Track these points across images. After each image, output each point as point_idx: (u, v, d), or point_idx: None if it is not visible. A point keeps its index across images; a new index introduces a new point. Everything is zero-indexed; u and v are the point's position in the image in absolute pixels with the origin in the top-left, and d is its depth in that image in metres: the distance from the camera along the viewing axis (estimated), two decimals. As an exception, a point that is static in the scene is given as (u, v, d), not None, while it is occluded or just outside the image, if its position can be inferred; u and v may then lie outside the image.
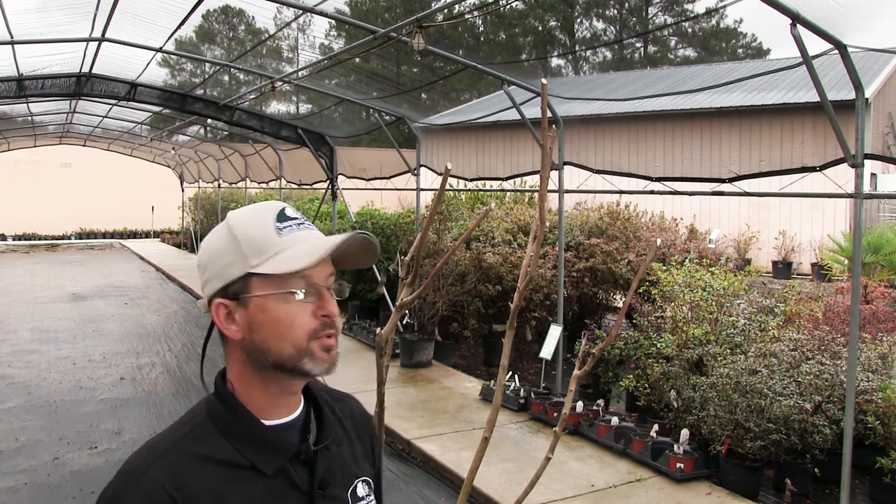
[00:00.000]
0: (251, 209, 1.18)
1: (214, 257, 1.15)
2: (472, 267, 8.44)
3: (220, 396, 1.15)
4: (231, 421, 1.12)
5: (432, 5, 29.71)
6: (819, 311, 6.69)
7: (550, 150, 1.68)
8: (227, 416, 1.13)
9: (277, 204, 1.19)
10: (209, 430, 1.11)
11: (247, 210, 1.18)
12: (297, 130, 11.21)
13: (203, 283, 1.17)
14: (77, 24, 7.38)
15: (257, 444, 1.12)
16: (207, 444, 1.10)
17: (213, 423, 1.12)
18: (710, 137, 7.20)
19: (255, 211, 1.17)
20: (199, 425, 1.12)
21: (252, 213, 1.17)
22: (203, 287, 1.17)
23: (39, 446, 6.07)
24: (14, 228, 26.21)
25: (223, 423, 1.12)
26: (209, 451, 1.09)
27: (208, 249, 1.16)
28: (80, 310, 12.50)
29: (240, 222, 1.16)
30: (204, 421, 1.13)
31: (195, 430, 1.12)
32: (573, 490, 5.03)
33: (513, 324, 1.92)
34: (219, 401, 1.15)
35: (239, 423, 1.12)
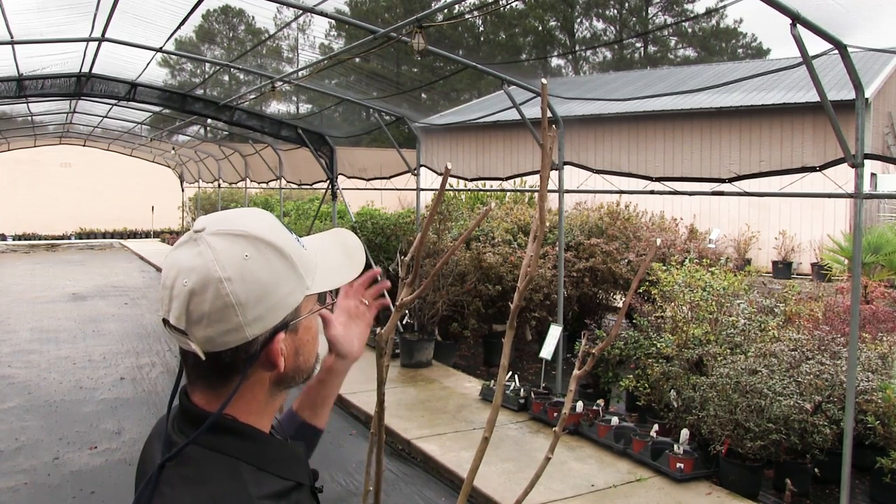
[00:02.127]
0: (266, 220, 1.02)
1: (270, 289, 0.96)
2: (472, 267, 8.44)
3: (239, 433, 1.00)
4: (263, 452, 1.01)
5: (432, 5, 29.71)
6: (819, 311, 6.69)
7: (550, 150, 1.68)
8: (256, 448, 1.00)
9: (264, 211, 1.06)
10: (254, 470, 0.98)
11: (273, 224, 1.02)
12: (297, 130, 11.21)
13: (243, 323, 0.94)
14: (77, 24, 7.38)
15: (294, 462, 1.05)
16: (264, 485, 0.97)
17: (249, 462, 0.98)
18: (710, 137, 7.20)
19: (274, 222, 1.03)
20: (246, 471, 0.97)
21: (275, 224, 1.02)
22: (240, 329, 0.94)
23: (39, 446, 6.07)
24: (14, 228, 26.21)
25: (257, 457, 0.99)
26: (276, 489, 0.98)
27: (254, 281, 0.94)
28: (80, 310, 12.50)
29: (283, 241, 1.00)
30: (241, 465, 0.97)
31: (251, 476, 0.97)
32: (573, 490, 5.03)
33: (513, 324, 1.92)
34: (238, 438, 0.99)
35: (266, 449, 1.02)
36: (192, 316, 0.94)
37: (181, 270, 0.95)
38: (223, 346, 0.95)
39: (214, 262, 0.94)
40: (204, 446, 0.97)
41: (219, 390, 0.99)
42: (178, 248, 0.98)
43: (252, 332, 0.95)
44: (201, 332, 0.94)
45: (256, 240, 0.97)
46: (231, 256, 0.95)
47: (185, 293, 0.93)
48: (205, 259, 0.95)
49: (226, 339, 0.95)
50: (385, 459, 3.26)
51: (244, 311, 0.94)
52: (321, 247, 1.11)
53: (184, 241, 0.99)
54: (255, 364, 0.98)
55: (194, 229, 0.99)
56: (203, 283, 0.93)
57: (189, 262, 0.95)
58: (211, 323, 0.93)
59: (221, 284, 0.93)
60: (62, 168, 26.71)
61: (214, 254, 0.95)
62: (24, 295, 14.10)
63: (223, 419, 0.99)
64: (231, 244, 0.96)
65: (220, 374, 0.99)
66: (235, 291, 0.93)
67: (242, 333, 0.95)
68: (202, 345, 0.95)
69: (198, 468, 0.96)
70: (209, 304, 0.93)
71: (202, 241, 0.96)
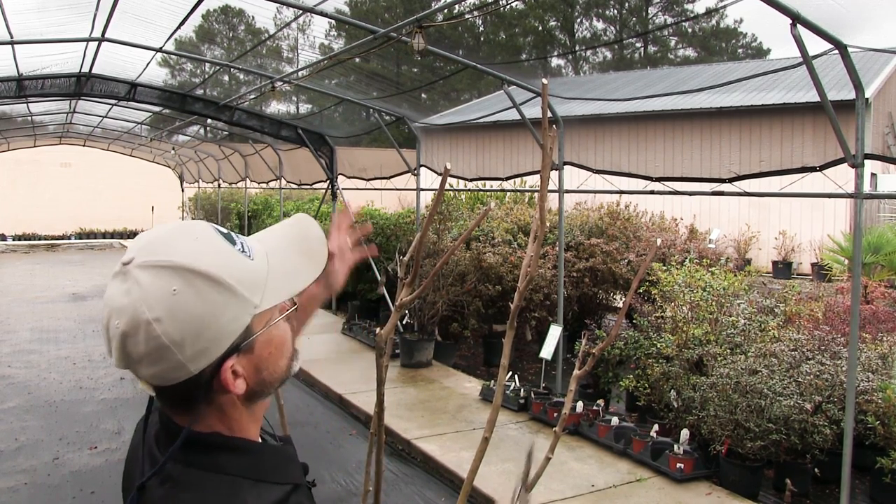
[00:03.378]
0: (194, 242, 0.93)
1: (208, 321, 0.89)
2: (472, 267, 8.44)
3: (230, 449, 0.97)
4: (259, 462, 0.98)
5: (432, 5, 29.72)
6: (819, 311, 6.69)
7: (550, 150, 1.68)
8: (253, 460, 0.98)
9: (198, 224, 0.97)
10: (250, 486, 0.95)
11: (205, 243, 0.93)
12: (297, 130, 11.21)
13: (184, 361, 0.89)
14: (77, 24, 7.38)
15: (288, 464, 1.04)
16: (264, 498, 0.94)
17: (248, 478, 0.96)
18: (710, 137, 7.20)
19: (205, 241, 0.94)
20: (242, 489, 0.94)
21: (205, 246, 0.93)
22: (181, 366, 0.90)
23: (39, 446, 6.07)
24: (14, 228, 26.20)
25: (255, 470, 0.97)
26: (272, 499, 0.95)
27: (187, 318, 0.88)
28: (80, 310, 12.50)
29: (217, 265, 0.91)
30: (239, 482, 0.95)
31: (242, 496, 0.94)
32: (573, 490, 5.03)
33: (513, 324, 1.92)
34: (232, 453, 0.97)
35: (263, 459, 1.00)
36: (131, 357, 0.89)
37: (113, 310, 0.90)
38: (171, 382, 0.91)
39: (142, 301, 0.87)
40: (200, 468, 0.94)
41: (190, 414, 0.95)
42: (112, 282, 0.92)
43: (197, 367, 0.90)
44: (144, 370, 0.90)
45: (185, 270, 0.89)
46: (158, 294, 0.88)
47: (119, 336, 0.89)
48: (132, 298, 0.88)
49: (171, 375, 0.90)
50: (385, 459, 3.26)
51: (181, 350, 0.88)
52: (275, 246, 1.02)
53: (115, 272, 0.92)
54: (212, 391, 0.94)
55: (122, 261, 0.92)
56: (133, 325, 0.88)
57: (118, 300, 0.89)
58: (152, 363, 0.89)
59: (150, 326, 0.87)
60: (62, 168, 26.70)
61: (141, 291, 0.88)
62: (24, 295, 14.10)
63: (212, 437, 0.96)
64: (157, 279, 0.88)
65: (181, 402, 0.95)
66: (167, 332, 0.87)
67: (186, 370, 0.90)
68: (150, 381, 0.92)
69: (196, 492, 0.92)
70: (143, 346, 0.88)
71: (130, 277, 0.90)
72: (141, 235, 0.96)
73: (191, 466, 0.93)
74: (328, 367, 8.31)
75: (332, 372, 8.07)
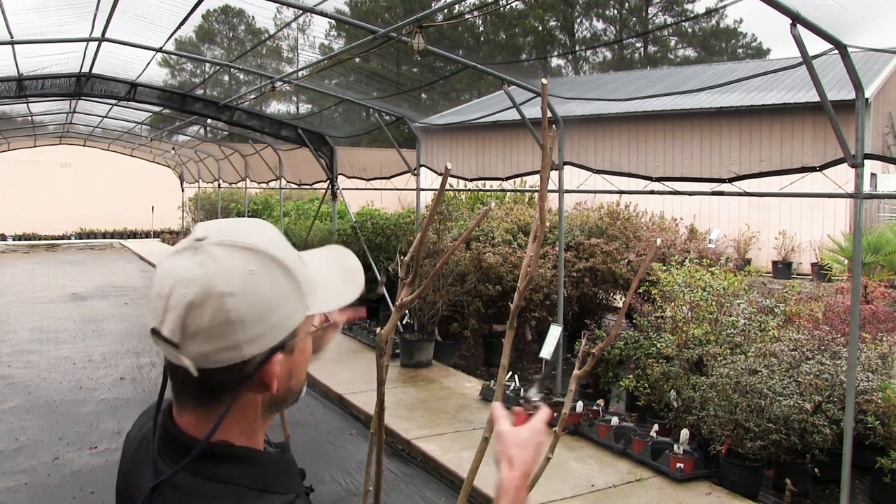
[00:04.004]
0: (272, 234, 0.96)
1: (273, 307, 0.91)
2: (472, 267, 8.44)
3: (235, 460, 0.96)
4: (264, 473, 0.97)
5: (432, 5, 29.71)
6: (819, 311, 6.69)
7: (550, 150, 1.68)
8: (259, 471, 0.96)
9: (264, 222, 1.00)
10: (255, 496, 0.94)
11: (277, 238, 0.96)
12: (297, 130, 11.21)
13: (242, 341, 0.89)
14: (77, 24, 7.39)
15: (290, 473, 1.02)
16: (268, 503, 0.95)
17: (255, 488, 0.94)
18: (710, 137, 7.20)
19: (279, 237, 0.97)
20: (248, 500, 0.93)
21: (280, 239, 0.96)
22: (238, 347, 0.89)
23: (39, 446, 6.07)
24: (14, 228, 26.20)
25: (260, 481, 0.95)
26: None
27: (257, 299, 0.89)
28: (80, 310, 12.50)
29: (289, 258, 0.94)
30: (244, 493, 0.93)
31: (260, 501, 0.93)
32: (573, 490, 5.03)
33: (513, 324, 1.92)
34: (239, 464, 0.95)
35: (267, 469, 0.98)
36: (189, 330, 0.88)
37: (180, 280, 0.89)
38: (217, 364, 0.90)
39: (218, 274, 0.88)
40: (206, 477, 0.92)
41: (209, 410, 0.95)
42: (176, 256, 0.91)
43: (250, 352, 0.90)
44: (196, 347, 0.89)
45: (262, 254, 0.91)
46: (236, 270, 0.89)
47: (184, 305, 0.87)
48: (207, 270, 0.88)
49: (221, 356, 0.89)
50: (385, 459, 3.25)
51: (245, 329, 0.88)
52: (321, 265, 1.04)
53: (182, 248, 0.92)
54: (247, 384, 0.93)
55: (195, 237, 0.92)
56: (204, 295, 0.87)
57: (189, 271, 0.89)
58: (208, 339, 0.88)
59: (223, 299, 0.87)
60: (62, 168, 26.71)
61: (218, 266, 0.89)
62: (24, 295, 14.10)
63: (217, 446, 0.94)
64: (235, 256, 0.90)
65: (209, 393, 0.94)
66: (238, 308, 0.88)
67: (240, 352, 0.89)
68: (195, 360, 0.89)
69: (202, 501, 0.91)
70: (208, 319, 0.87)
71: (204, 251, 0.90)
72: (207, 222, 0.96)
73: (196, 475, 0.92)
74: (328, 367, 8.31)
75: (331, 372, 8.07)
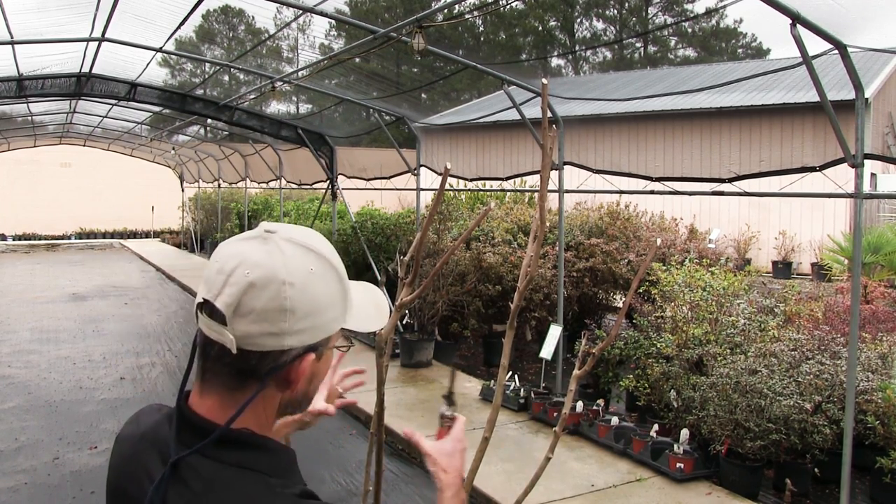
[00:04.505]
0: (330, 246, 1.04)
1: (323, 307, 0.98)
2: (472, 267, 8.44)
3: (262, 447, 1.00)
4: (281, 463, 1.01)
5: (432, 5, 29.71)
6: (819, 311, 6.69)
7: (550, 150, 1.68)
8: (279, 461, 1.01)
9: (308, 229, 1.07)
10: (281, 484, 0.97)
11: (330, 247, 1.04)
12: (297, 130, 11.21)
13: (287, 331, 0.95)
14: (77, 24, 7.39)
15: (296, 467, 1.06)
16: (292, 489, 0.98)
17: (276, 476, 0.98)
18: (710, 137, 7.21)
19: (334, 251, 1.05)
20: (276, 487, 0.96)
21: (335, 254, 1.04)
22: (281, 335, 0.95)
23: (39, 446, 6.07)
24: (14, 228, 26.20)
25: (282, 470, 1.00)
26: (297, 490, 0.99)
27: (311, 295, 0.96)
28: (80, 310, 12.50)
29: (342, 268, 1.03)
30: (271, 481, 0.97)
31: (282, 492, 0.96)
32: (573, 490, 5.03)
33: (513, 324, 1.92)
34: (262, 452, 0.99)
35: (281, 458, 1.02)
36: (243, 308, 0.94)
37: (246, 261, 0.95)
38: (257, 347, 0.95)
39: (283, 264, 0.96)
40: (229, 464, 0.95)
41: (233, 395, 0.98)
42: (245, 241, 0.99)
43: (290, 343, 0.96)
44: (244, 326, 0.94)
45: (324, 259, 1.00)
46: (300, 264, 0.97)
47: (245, 283, 0.94)
48: (273, 259, 0.96)
49: (264, 340, 0.95)
50: (385, 459, 3.25)
51: (294, 320, 0.95)
52: (356, 289, 1.11)
53: (252, 236, 1.00)
54: (275, 377, 0.98)
55: (266, 230, 1.01)
56: (266, 279, 0.94)
57: (256, 256, 0.96)
58: (258, 320, 0.94)
59: (283, 287, 0.94)
60: (62, 168, 26.71)
61: (284, 257, 0.96)
62: (24, 295, 14.10)
63: (240, 433, 0.98)
64: (301, 254, 0.98)
65: (239, 377, 0.98)
66: (293, 298, 0.95)
67: (281, 341, 0.95)
68: (238, 338, 0.94)
69: (235, 491, 0.94)
70: (264, 302, 0.94)
71: (273, 243, 0.98)
72: (275, 223, 1.04)
73: (220, 461, 0.95)
74: (328, 367, 8.29)
75: (332, 372, 8.07)
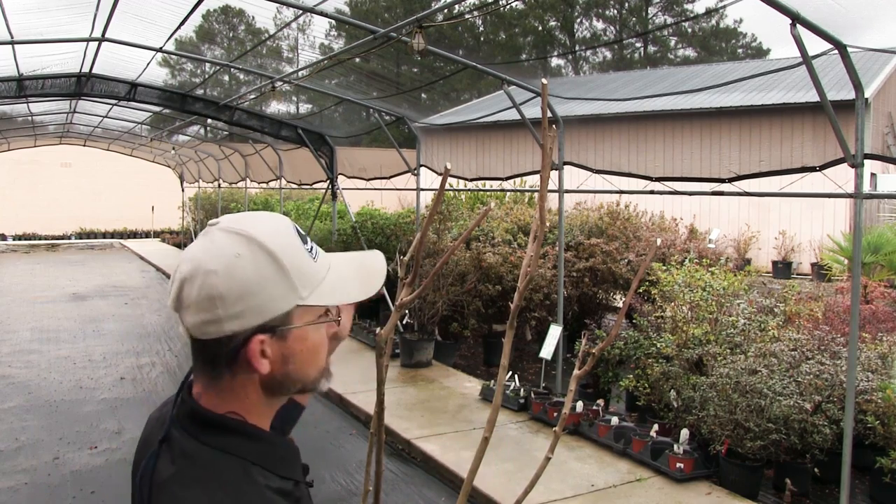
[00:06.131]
0: (274, 226, 1.05)
1: (252, 289, 0.98)
2: (472, 267, 8.44)
3: (244, 433, 1.03)
4: (267, 451, 1.04)
5: (432, 5, 29.71)
6: (819, 311, 6.69)
7: (550, 150, 1.68)
8: (260, 448, 1.03)
9: (285, 218, 1.09)
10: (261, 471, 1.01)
11: (274, 228, 1.04)
12: (297, 130, 11.21)
13: (223, 317, 0.98)
14: (77, 24, 7.38)
15: (293, 460, 1.09)
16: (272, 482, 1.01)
17: (255, 463, 1.01)
18: (710, 137, 7.20)
19: (283, 230, 1.05)
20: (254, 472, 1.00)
21: (281, 232, 1.04)
22: (219, 321, 0.99)
23: (39, 446, 6.07)
24: (14, 228, 26.20)
25: (262, 457, 1.02)
26: (280, 487, 1.02)
27: (238, 279, 0.98)
28: (80, 310, 12.50)
29: (280, 247, 1.02)
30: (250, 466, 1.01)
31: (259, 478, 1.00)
32: (573, 490, 5.03)
33: (513, 324, 1.92)
34: (244, 438, 1.02)
35: (275, 449, 1.05)
36: (183, 301, 1.00)
37: (184, 258, 1.02)
38: (205, 336, 1.00)
39: (209, 255, 1.00)
40: (214, 447, 1.00)
41: (214, 382, 1.04)
42: (197, 239, 1.06)
43: (230, 328, 0.99)
44: (188, 317, 1.00)
45: (253, 241, 1.01)
46: (225, 251, 1.00)
47: (179, 279, 1.01)
48: (203, 251, 1.01)
49: (207, 328, 0.99)
50: (385, 459, 3.25)
51: (225, 306, 0.98)
52: (338, 262, 1.12)
53: (203, 231, 1.06)
54: (238, 362, 1.01)
55: (210, 223, 1.06)
56: (193, 271, 0.99)
57: (193, 252, 1.02)
58: (196, 310, 0.99)
59: (207, 275, 0.98)
60: (62, 168, 26.70)
61: (213, 248, 1.01)
62: (25, 295, 14.10)
63: (229, 419, 1.03)
64: (229, 241, 1.01)
65: (210, 364, 1.03)
66: (217, 285, 0.98)
67: (221, 327, 0.99)
68: (189, 329, 1.01)
69: (211, 470, 0.98)
70: (195, 293, 0.99)
71: (210, 236, 1.03)
72: (234, 214, 1.09)
73: (206, 445, 1.00)
74: (328, 367, 8.30)
75: (332, 372, 8.07)
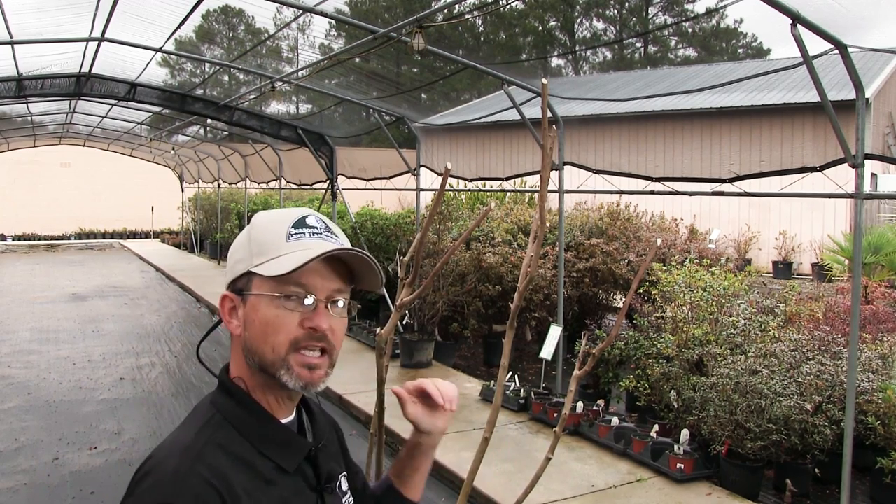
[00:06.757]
0: (277, 213, 1.23)
1: (233, 252, 1.22)
2: (472, 267, 8.44)
3: (231, 394, 1.16)
4: (248, 420, 1.14)
5: (432, 5, 29.71)
6: (819, 312, 6.68)
7: (550, 150, 1.68)
8: (243, 414, 1.14)
9: (304, 211, 1.22)
10: (229, 430, 1.12)
11: (272, 213, 1.23)
12: (297, 130, 11.20)
13: (227, 270, 1.24)
14: (77, 24, 7.38)
15: (279, 443, 1.14)
16: (234, 444, 1.10)
17: (231, 424, 1.12)
18: (710, 137, 7.21)
19: (279, 214, 1.21)
20: (220, 426, 1.12)
21: (275, 216, 1.21)
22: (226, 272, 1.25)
23: (39, 446, 6.06)
24: (14, 228, 26.19)
25: (240, 422, 1.13)
26: (237, 451, 1.09)
27: (234, 244, 1.24)
28: (79, 310, 12.50)
29: (258, 223, 1.21)
30: (222, 422, 1.12)
31: (218, 431, 1.11)
32: (573, 490, 5.02)
33: (513, 324, 1.92)
34: (230, 399, 1.16)
35: (258, 422, 1.14)
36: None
37: None
38: None
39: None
40: (210, 402, 1.17)
41: None
42: None
43: (225, 279, 1.22)
44: None
45: (247, 227, 1.23)
46: (239, 234, 1.26)
47: None
48: None
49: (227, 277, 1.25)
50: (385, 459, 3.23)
51: (228, 261, 1.23)
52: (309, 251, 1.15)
53: None
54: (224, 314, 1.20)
55: None
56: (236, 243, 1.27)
57: None
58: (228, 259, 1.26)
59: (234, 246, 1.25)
60: (62, 168, 26.70)
61: None
62: (24, 295, 14.10)
63: (231, 383, 1.18)
64: (246, 228, 1.25)
65: None
66: (228, 254, 1.25)
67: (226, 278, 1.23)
68: None
69: (192, 415, 1.16)
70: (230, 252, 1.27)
71: None
72: None
73: (210, 399, 1.18)
74: (328, 368, 8.29)
75: (331, 372, 8.07)
